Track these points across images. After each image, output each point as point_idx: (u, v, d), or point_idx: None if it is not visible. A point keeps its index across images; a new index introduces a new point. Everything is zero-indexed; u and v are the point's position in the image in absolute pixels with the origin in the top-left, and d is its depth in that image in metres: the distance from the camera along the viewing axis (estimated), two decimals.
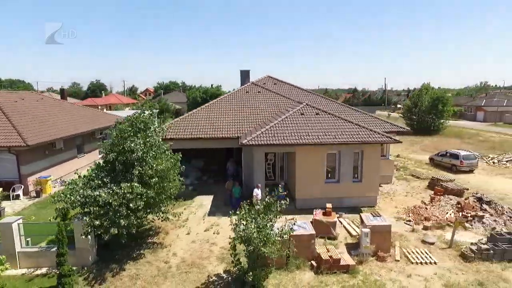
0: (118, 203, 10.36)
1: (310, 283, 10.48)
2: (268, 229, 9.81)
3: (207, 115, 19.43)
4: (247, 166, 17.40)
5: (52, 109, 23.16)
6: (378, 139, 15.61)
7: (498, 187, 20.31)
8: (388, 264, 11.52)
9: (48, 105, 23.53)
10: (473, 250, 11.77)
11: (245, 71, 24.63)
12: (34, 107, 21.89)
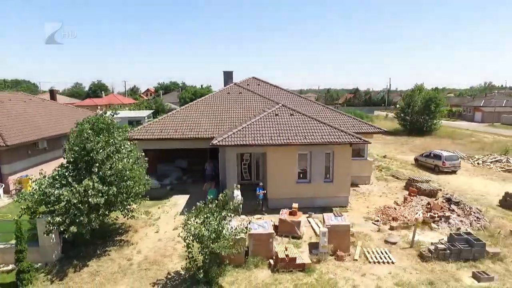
0: (79, 200, 10.69)
1: (264, 281, 10.71)
2: (219, 226, 10.07)
3: (186, 116, 19.72)
4: (223, 167, 17.67)
5: (38, 109, 23.61)
6: (348, 139, 15.78)
7: (476, 188, 20.37)
8: (346, 263, 11.70)
9: (34, 106, 23.99)
10: (430, 250, 11.91)
11: (228, 72, 24.90)
12: (20, 107, 22.36)
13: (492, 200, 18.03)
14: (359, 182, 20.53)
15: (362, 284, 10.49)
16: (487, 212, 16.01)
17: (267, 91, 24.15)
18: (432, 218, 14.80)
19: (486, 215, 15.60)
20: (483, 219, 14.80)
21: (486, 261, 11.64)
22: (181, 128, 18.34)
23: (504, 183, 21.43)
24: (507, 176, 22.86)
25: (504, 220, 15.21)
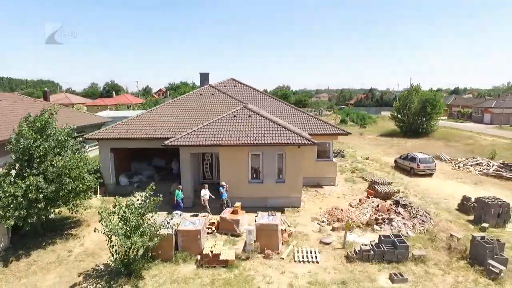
0: (20, 194, 11.60)
1: (186, 275, 11.26)
2: (137, 222, 10.70)
3: (154, 117, 20.48)
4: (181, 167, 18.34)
5: (25, 109, 25.05)
6: (296, 141, 16.05)
7: (443, 191, 20.11)
8: (271, 261, 12.09)
9: (22, 106, 25.48)
10: (355, 251, 12.12)
11: (204, 74, 25.54)
12: (6, 108, 23.86)
13: (453, 204, 17.82)
14: (324, 183, 20.71)
15: (277, 281, 10.86)
16: (438, 216, 15.92)
17: (242, 92, 24.63)
18: (376, 220, 14.91)
19: (437, 218, 15.53)
20: (428, 222, 14.77)
21: (410, 263, 11.73)
22: (146, 129, 19.12)
23: (475, 186, 21.04)
24: (481, 180, 22.38)
25: (452, 224, 15.10)
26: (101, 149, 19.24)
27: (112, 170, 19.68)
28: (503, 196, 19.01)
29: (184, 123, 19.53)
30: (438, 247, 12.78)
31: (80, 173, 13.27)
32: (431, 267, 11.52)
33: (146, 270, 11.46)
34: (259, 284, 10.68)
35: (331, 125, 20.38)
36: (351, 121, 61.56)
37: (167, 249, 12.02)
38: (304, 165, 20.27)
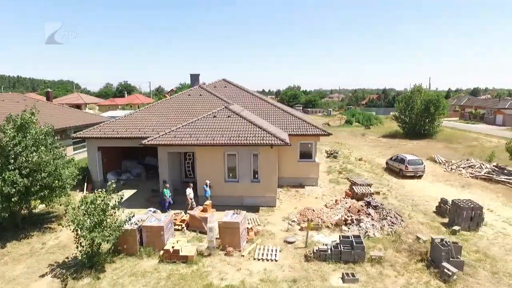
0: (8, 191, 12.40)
1: (146, 269, 11.73)
2: (100, 217, 11.24)
3: (142, 117, 21.14)
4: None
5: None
6: (269, 141, 16.27)
7: (427, 193, 19.87)
8: (231, 259, 12.40)
9: (23, 106, 26.70)
10: (313, 251, 12.28)
11: (195, 75, 26.04)
12: (6, 107, 25.12)
13: (433, 206, 17.60)
14: (307, 183, 20.83)
15: (231, 278, 11.17)
16: (412, 218, 15.83)
17: (232, 93, 24.99)
18: (345, 221, 14.98)
19: (410, 220, 15.46)
20: (398, 224, 14.73)
21: (366, 264, 11.81)
22: (131, 128, 19.78)
23: (462, 189, 20.68)
24: (470, 182, 21.93)
25: (423, 226, 14.99)
26: (89, 148, 20.06)
27: (100, 168, 20.48)
28: (488, 200, 18.75)
29: (168, 123, 20.06)
30: (400, 249, 12.77)
31: (56, 170, 13.98)
32: (386, 268, 11.57)
33: (110, 263, 12.01)
34: (213, 280, 11.02)
35: (314, 126, 20.45)
36: (356, 121, 60.94)
37: (131, 244, 12.54)
38: (287, 165, 20.64)
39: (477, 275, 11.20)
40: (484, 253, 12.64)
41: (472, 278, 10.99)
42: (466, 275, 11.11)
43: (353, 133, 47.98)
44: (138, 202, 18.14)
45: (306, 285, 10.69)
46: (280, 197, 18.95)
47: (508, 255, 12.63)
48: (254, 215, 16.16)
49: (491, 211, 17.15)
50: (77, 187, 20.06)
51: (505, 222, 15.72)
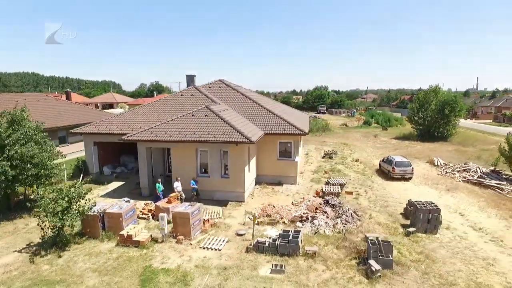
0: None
1: (102, 250, 13.14)
2: (67, 204, 12.79)
3: (134, 115, 22.88)
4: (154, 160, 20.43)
5: (43, 107, 29.26)
6: (235, 139, 17.05)
7: (406, 195, 19.53)
8: (180, 246, 13.45)
9: (43, 104, 29.77)
10: (253, 243, 12.98)
11: (191, 76, 27.39)
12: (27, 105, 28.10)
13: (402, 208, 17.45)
14: (286, 181, 21.35)
15: (170, 262, 12.22)
16: (372, 218, 15.89)
17: (225, 93, 25.99)
18: (301, 217, 15.45)
19: (368, 220, 15.57)
20: (352, 223, 14.95)
21: (300, 257, 12.30)
22: (122, 125, 21.53)
23: (446, 193, 20.12)
24: (458, 186, 21.17)
25: (380, 226, 15.07)
26: (85, 143, 22.13)
27: (96, 161, 22.50)
28: (466, 204, 18.24)
29: (155, 121, 21.51)
30: (340, 246, 13.07)
31: (42, 161, 15.88)
32: (317, 263, 11.99)
33: (74, 244, 13.56)
34: (154, 263, 12.14)
35: (293, 126, 20.85)
36: (375, 122, 59.44)
37: (94, 228, 14.03)
38: (266, 163, 21.39)
39: (406, 274, 11.31)
40: (427, 255, 12.59)
41: (398, 277, 11.13)
42: (394, 274, 11.26)
43: (366, 134, 47.08)
44: (122, 192, 19.77)
45: (234, 273, 11.46)
46: (254, 193, 19.71)
47: (452, 258, 12.48)
48: (220, 209, 17.09)
49: (462, 215, 16.69)
50: (75, 177, 22.31)
51: (470, 227, 15.29)
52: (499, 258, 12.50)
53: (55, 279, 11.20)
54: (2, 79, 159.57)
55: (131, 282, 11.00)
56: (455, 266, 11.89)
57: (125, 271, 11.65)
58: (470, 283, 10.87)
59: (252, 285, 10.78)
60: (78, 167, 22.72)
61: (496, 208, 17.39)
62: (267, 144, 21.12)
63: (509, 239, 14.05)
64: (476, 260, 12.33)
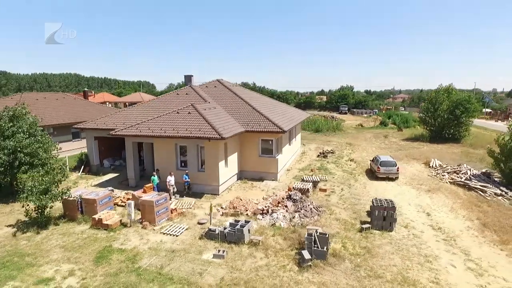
0: None
1: (75, 231, 14.79)
2: (46, 186, 14.59)
3: (132, 112, 24.69)
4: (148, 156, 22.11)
5: (59, 105, 32.15)
6: (208, 135, 18.11)
7: (382, 195, 19.54)
8: (144, 231, 14.78)
9: (58, 102, 32.70)
10: (205, 231, 14.02)
11: (188, 76, 28.83)
12: (46, 103, 31.11)
13: None
14: (267, 178, 22.11)
15: (129, 244, 13.55)
16: (334, 214, 16.32)
17: (218, 92, 27.08)
18: (262, 210, 16.23)
19: (329, 216, 16.04)
20: (310, 217, 15.51)
21: (245, 245, 13.16)
22: (118, 122, 23.36)
23: (425, 193, 19.89)
24: (440, 187, 20.75)
25: (338, 222, 15.49)
26: (87, 137, 24.28)
27: (96, 154, 24.59)
28: (440, 205, 18.16)
29: (148, 118, 23.14)
30: (287, 237, 13.72)
31: (35, 151, 17.94)
32: (259, 251, 12.78)
33: (54, 225, 15.36)
34: (115, 244, 13.54)
35: (275, 124, 21.52)
36: (392, 123, 57.94)
37: (73, 211, 15.77)
38: (249, 160, 22.36)
39: (339, 266, 11.80)
40: (369, 250, 12.94)
41: (329, 268, 11.66)
42: (326, 265, 11.80)
43: (378, 135, 46.22)
44: (114, 183, 21.57)
45: (180, 255, 12.57)
46: (232, 187, 20.71)
47: (394, 254, 12.73)
48: (194, 200, 18.29)
49: (428, 215, 16.62)
50: (78, 168, 24.57)
51: (429, 226, 15.28)
52: (441, 256, 12.57)
53: (27, 252, 12.94)
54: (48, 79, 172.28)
55: (88, 258, 12.46)
56: (392, 261, 12.17)
57: (87, 249, 13.15)
58: (397, 277, 11.17)
59: (190, 267, 11.82)
60: (81, 159, 24.97)
61: (467, 210, 17.07)
62: (249, 141, 22.04)
63: (463, 239, 13.96)
64: (416, 257, 12.50)
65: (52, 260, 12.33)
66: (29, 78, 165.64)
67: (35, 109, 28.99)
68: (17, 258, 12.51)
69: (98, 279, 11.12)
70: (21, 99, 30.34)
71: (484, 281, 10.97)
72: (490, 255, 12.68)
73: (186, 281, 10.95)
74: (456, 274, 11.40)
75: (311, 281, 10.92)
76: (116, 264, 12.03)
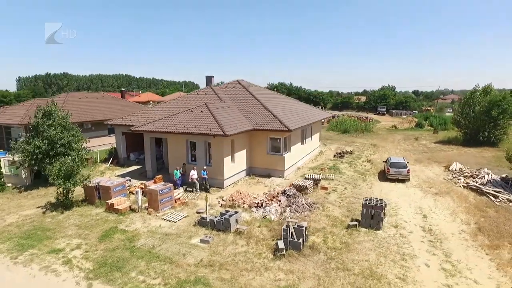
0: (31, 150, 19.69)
1: (91, 213, 16.95)
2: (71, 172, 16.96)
3: (156, 110, 26.91)
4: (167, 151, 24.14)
5: (99, 104, 35.68)
6: (213, 132, 19.44)
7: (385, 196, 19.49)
8: (148, 216, 16.51)
9: (98, 101, 36.27)
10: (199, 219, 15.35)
11: (209, 77, 30.49)
12: (87, 102, 34.77)
13: None
14: (274, 175, 22.96)
15: (132, 226, 15.32)
16: (326, 210, 16.78)
17: (235, 93, 28.38)
18: (257, 204, 17.20)
19: (321, 212, 16.56)
20: (301, 212, 16.19)
21: (232, 233, 14.25)
22: (142, 119, 25.66)
23: (431, 196, 19.41)
24: (451, 191, 20.01)
25: (327, 218, 15.94)
26: (116, 133, 26.95)
27: (124, 148, 27.19)
28: (443, 208, 17.86)
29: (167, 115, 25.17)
30: (272, 229, 14.57)
31: (68, 142, 20.63)
32: (242, 239, 13.81)
33: (76, 207, 17.70)
34: (120, 226, 15.40)
35: (282, 123, 22.28)
36: (428, 125, 55.22)
37: (92, 197, 18.02)
38: (258, 157, 23.47)
39: (312, 257, 12.45)
40: (348, 245, 13.36)
41: (303, 258, 12.36)
42: (300, 255, 12.50)
43: (408, 137, 44.58)
44: (135, 174, 23.86)
45: (172, 238, 14.03)
46: (239, 182, 21.88)
47: (371, 250, 13.01)
48: (199, 192, 19.76)
49: (425, 217, 16.42)
50: (107, 161, 27.35)
51: (420, 228, 15.17)
52: (419, 256, 12.61)
53: (49, 228, 15.25)
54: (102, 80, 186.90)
55: (95, 235, 14.40)
56: (366, 257, 12.50)
57: (96, 228, 15.15)
58: (365, 271, 11.55)
59: (178, 249, 13.20)
60: (111, 152, 27.76)
61: (469, 214, 16.53)
62: (259, 139, 23.06)
63: (450, 242, 13.75)
64: (393, 255, 12.68)
65: (66, 235, 14.45)
66: (86, 79, 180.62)
67: (77, 106, 32.69)
68: (40, 232, 14.83)
69: (98, 252, 12.93)
70: (66, 98, 34.29)
71: (453, 281, 10.97)
72: (472, 258, 12.47)
73: (169, 260, 12.33)
74: (427, 273, 11.49)
75: (280, 268, 11.72)
76: (117, 242, 13.79)
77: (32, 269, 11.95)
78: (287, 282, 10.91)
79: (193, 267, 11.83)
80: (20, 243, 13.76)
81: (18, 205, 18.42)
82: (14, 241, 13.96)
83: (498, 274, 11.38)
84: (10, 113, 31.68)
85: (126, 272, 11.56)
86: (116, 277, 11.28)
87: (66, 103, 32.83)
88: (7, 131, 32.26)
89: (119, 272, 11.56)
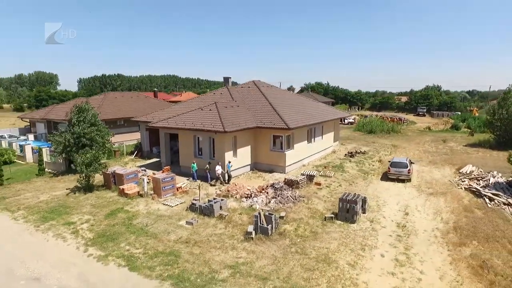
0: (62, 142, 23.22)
1: (106, 196, 19.74)
2: (91, 160, 19.96)
3: (176, 108, 29.55)
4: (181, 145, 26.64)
5: (132, 102, 39.47)
6: (215, 129, 21.30)
7: (378, 194, 20.01)
8: (152, 201, 18.86)
9: (132, 100, 40.10)
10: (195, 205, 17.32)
11: (226, 78, 32.38)
12: (122, 100, 38.71)
13: None
14: (276, 170, 24.26)
15: (135, 208, 17.71)
16: (311, 204, 17.83)
17: (248, 93, 30.02)
18: (246, 195, 18.75)
19: (304, 204, 17.67)
20: (285, 204, 17.46)
21: (215, 218, 16.01)
22: (162, 116, 28.38)
23: (425, 196, 19.51)
24: (447, 191, 19.82)
25: (307, 210, 17.02)
26: (140, 128, 30.07)
27: (147, 143, 30.23)
28: (429, 207, 17.96)
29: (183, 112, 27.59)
30: (251, 216, 16.01)
31: (94, 137, 23.86)
32: (222, 223, 15.50)
33: (96, 191, 20.66)
34: (125, 207, 17.89)
35: (284, 122, 23.53)
36: (465, 127, 52.20)
37: (109, 182, 20.87)
38: (262, 153, 25.01)
39: (277, 241, 13.78)
40: (316, 234, 14.43)
41: (269, 242, 13.74)
42: (267, 239, 13.88)
43: (437, 139, 42.88)
44: (153, 165, 26.62)
45: (164, 219, 16.15)
46: (241, 176, 23.54)
47: (336, 240, 13.96)
48: (202, 183, 21.79)
49: (406, 214, 16.82)
50: (133, 153, 30.58)
51: (396, 224, 15.68)
52: (379, 247, 13.32)
53: (69, 206, 18.22)
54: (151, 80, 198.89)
55: (103, 213, 17.02)
56: (328, 245, 13.51)
57: (106, 208, 17.80)
58: (321, 256, 12.62)
59: (166, 227, 15.28)
60: (136, 146, 31.00)
61: (453, 214, 16.55)
62: (263, 136, 24.52)
63: (418, 237, 14.20)
64: (354, 245, 13.53)
65: (81, 212, 17.26)
66: (137, 79, 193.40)
67: (113, 105, 36.66)
68: (62, 208, 17.83)
69: (101, 227, 15.45)
70: (105, 97, 38.51)
71: (399, 270, 11.66)
72: (431, 253, 12.90)
73: (155, 236, 14.43)
74: (378, 262, 12.26)
75: (245, 249, 13.23)
76: (118, 220, 16.24)
77: (48, 235, 14.77)
78: (245, 260, 12.40)
79: (172, 243, 13.80)
80: (44, 216, 16.79)
81: (52, 187, 21.89)
82: (41, 214, 17.04)
83: (447, 267, 11.82)
84: (59, 110, 36.52)
85: (117, 243, 13.86)
86: (108, 246, 13.61)
87: (104, 102, 37.02)
88: (55, 126, 37.18)
89: (112, 243, 13.89)
